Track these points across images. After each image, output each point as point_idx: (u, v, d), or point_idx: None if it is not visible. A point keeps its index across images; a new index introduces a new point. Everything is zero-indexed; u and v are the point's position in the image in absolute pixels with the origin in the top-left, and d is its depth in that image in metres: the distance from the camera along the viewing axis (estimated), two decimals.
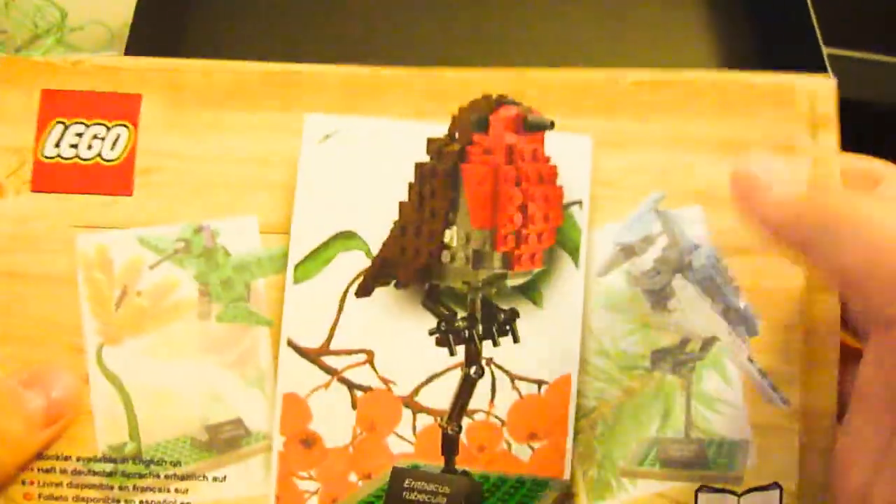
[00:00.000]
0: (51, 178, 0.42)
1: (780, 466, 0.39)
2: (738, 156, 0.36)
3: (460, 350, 0.40)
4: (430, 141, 0.38)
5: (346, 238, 0.45)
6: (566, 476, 0.41)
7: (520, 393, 0.40)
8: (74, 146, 0.41)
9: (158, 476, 0.46)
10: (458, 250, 0.34)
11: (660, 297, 0.37)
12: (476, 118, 0.35)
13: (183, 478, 0.46)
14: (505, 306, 0.37)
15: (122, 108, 0.42)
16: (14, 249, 0.44)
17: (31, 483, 0.45)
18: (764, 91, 0.41)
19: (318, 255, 0.45)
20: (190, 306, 0.46)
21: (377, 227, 0.43)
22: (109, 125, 0.42)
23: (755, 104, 0.41)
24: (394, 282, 0.39)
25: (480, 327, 0.37)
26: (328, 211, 0.44)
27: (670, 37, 0.62)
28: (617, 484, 0.39)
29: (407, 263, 0.37)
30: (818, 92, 0.40)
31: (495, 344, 0.38)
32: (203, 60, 0.44)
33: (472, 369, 0.38)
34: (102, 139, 0.42)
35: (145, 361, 0.46)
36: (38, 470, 0.45)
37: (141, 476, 0.46)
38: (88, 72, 0.42)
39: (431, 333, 0.39)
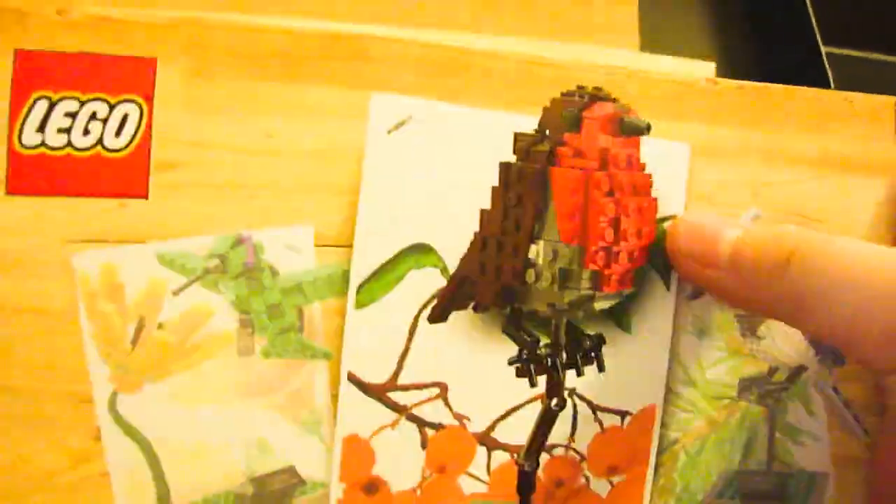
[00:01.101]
0: (33, 175, 0.31)
1: (858, 500, 0.37)
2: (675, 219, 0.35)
3: (541, 380, 0.35)
4: (517, 137, 0.32)
5: (419, 252, 0.37)
6: None
7: (601, 425, 0.36)
8: (65, 131, 0.31)
9: None
10: (544, 268, 0.30)
11: (751, 324, 0.36)
12: (568, 114, 0.30)
13: None
14: (591, 331, 0.34)
15: (131, 77, 0.31)
16: None
17: None
18: (861, 108, 0.39)
19: (386, 274, 0.37)
20: (227, 340, 0.37)
21: (454, 240, 0.36)
22: (113, 101, 0.31)
23: (851, 121, 0.39)
24: (472, 304, 0.34)
25: (564, 355, 0.33)
26: (398, 219, 0.36)
27: (669, 36, 0.60)
28: None
29: (487, 283, 0.32)
30: None
31: (579, 373, 0.34)
32: (240, 15, 0.35)
33: (554, 401, 0.35)
34: (104, 121, 0.31)
35: (173, 409, 0.37)
36: None
37: None
38: (80, 25, 0.31)
39: (511, 363, 0.34)
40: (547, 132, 0.33)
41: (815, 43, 0.53)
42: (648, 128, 0.32)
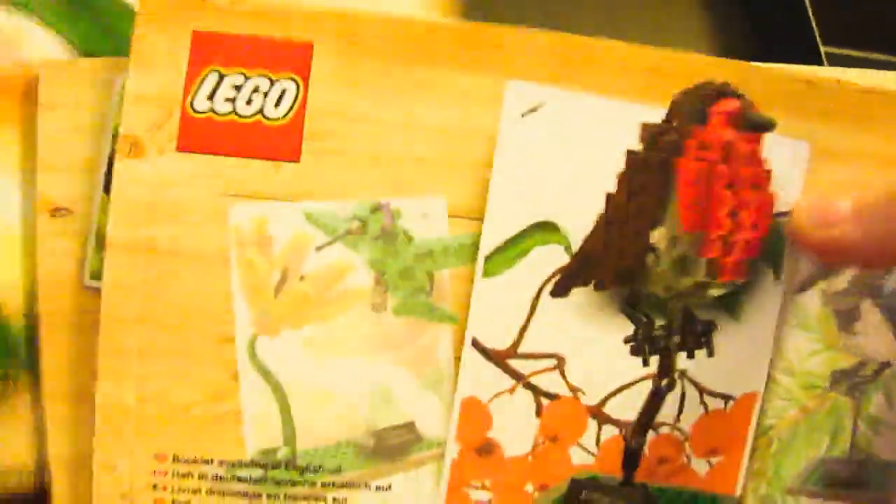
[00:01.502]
0: (201, 135, 0.35)
1: None
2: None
3: (653, 360, 0.37)
4: (644, 127, 0.34)
5: (545, 230, 0.39)
6: (738, 493, 0.40)
7: (706, 408, 0.37)
8: (231, 100, 0.35)
9: (315, 484, 0.40)
10: (664, 253, 0.31)
11: (848, 319, 0.37)
12: (695, 108, 0.32)
13: (342, 486, 0.40)
14: (703, 317, 0.35)
15: (290, 58, 0.35)
16: (154, 221, 0.36)
17: (164, 489, 0.39)
18: None
19: (513, 247, 0.39)
20: (362, 296, 0.40)
21: (580, 220, 0.38)
22: (274, 77, 0.35)
23: None
24: (594, 282, 0.36)
25: (677, 338, 0.35)
26: (527, 197, 0.38)
27: (668, 36, 0.60)
28: (782, 502, 0.38)
29: (609, 263, 0.34)
30: None
31: (690, 356, 0.36)
32: (384, 13, 0.38)
33: (665, 381, 0.36)
34: (265, 94, 0.35)
35: (306, 356, 0.40)
36: (173, 474, 0.39)
37: (294, 483, 0.40)
38: (248, 13, 0.35)
39: (627, 341, 0.36)
40: (674, 124, 0.34)
41: (815, 43, 0.53)
42: (772, 124, 0.33)
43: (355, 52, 0.37)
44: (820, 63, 0.52)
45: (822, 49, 0.53)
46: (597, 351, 0.38)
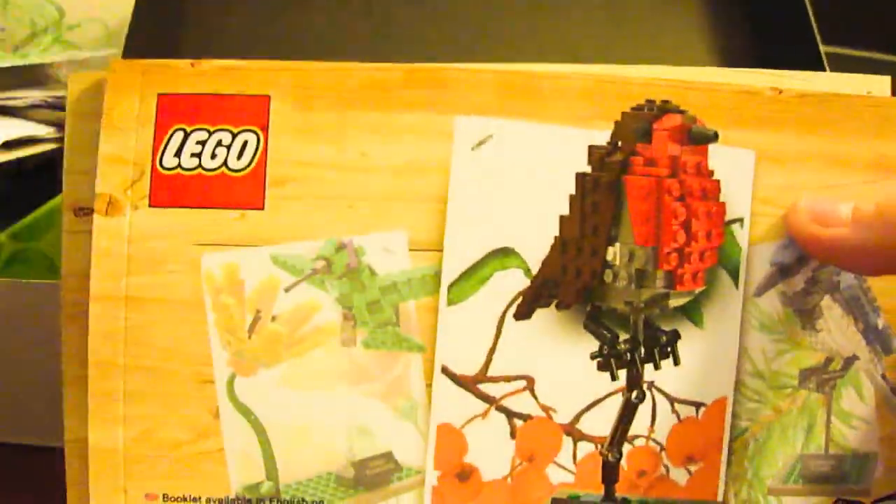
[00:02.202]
0: (171, 191, 0.38)
1: None
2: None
3: (621, 374, 0.38)
4: (591, 150, 0.36)
5: (503, 255, 0.40)
6: (720, 498, 0.40)
7: (678, 416, 0.38)
8: (197, 155, 0.38)
9: None
10: (621, 269, 0.33)
11: (810, 317, 0.37)
12: (639, 126, 0.33)
13: None
14: (666, 327, 0.36)
15: (249, 112, 0.38)
16: (134, 272, 0.39)
17: None
18: None
19: (474, 274, 0.41)
20: (332, 332, 0.41)
21: (536, 243, 0.39)
22: (235, 131, 0.38)
23: None
24: (555, 303, 0.37)
25: (642, 350, 0.36)
26: (484, 225, 0.40)
27: (667, 36, 0.61)
28: (765, 502, 0.38)
29: (568, 283, 0.35)
30: None
31: (657, 367, 0.37)
32: (335, 63, 0.40)
33: (634, 394, 0.37)
34: (228, 147, 0.38)
35: (282, 393, 0.41)
36: None
37: None
38: (208, 73, 0.38)
39: (594, 357, 0.37)
40: (619, 144, 0.36)
41: (813, 41, 0.54)
42: (716, 136, 0.35)
43: (310, 101, 0.39)
44: (818, 62, 0.53)
45: (822, 49, 0.53)
46: (565, 369, 0.39)
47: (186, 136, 0.37)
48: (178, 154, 0.37)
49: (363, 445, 0.42)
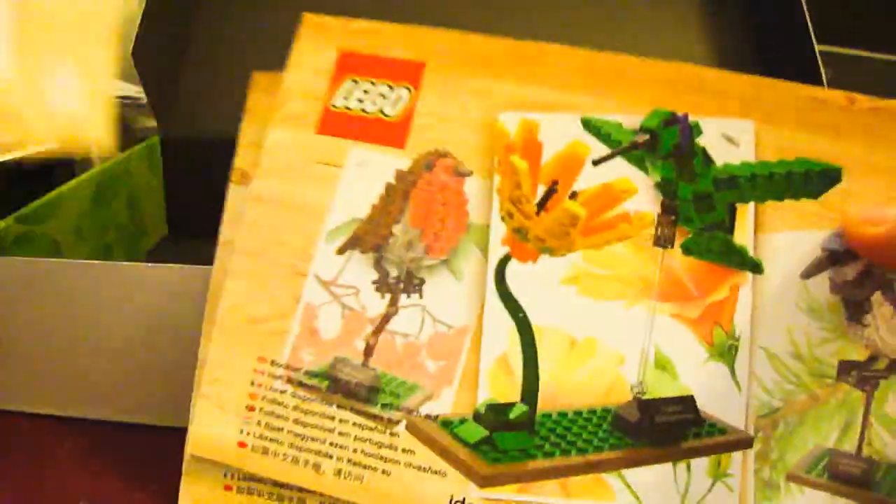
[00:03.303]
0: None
1: None
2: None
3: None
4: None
5: None
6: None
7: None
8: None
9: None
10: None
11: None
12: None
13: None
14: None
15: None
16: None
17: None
18: None
19: None
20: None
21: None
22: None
23: None
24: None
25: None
26: None
27: (665, 35, 0.63)
28: (785, 488, 0.36)
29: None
30: None
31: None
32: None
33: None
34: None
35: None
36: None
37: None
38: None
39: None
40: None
41: (809, 40, 0.54)
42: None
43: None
44: (814, 61, 0.53)
45: (817, 47, 0.54)
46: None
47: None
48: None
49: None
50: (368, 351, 0.38)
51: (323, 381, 0.37)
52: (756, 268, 0.33)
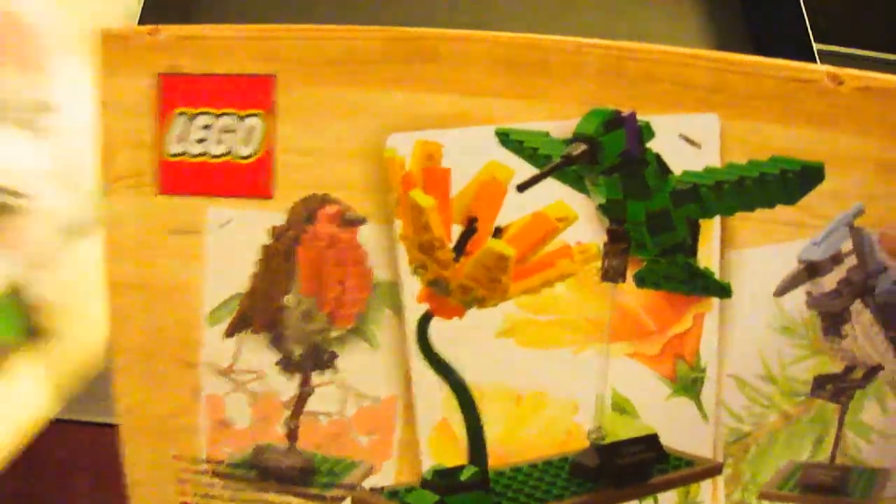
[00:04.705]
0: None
1: None
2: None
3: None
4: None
5: None
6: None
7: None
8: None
9: None
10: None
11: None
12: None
13: None
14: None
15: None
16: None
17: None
18: None
19: None
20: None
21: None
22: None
23: None
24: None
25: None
26: None
27: (661, 34, 0.63)
28: None
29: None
30: None
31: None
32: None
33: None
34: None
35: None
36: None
37: None
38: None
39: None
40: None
41: (807, 39, 0.54)
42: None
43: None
44: (812, 60, 0.53)
45: (815, 46, 0.54)
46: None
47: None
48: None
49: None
50: (292, 435, 0.36)
51: (250, 470, 0.34)
52: (724, 292, 0.30)
